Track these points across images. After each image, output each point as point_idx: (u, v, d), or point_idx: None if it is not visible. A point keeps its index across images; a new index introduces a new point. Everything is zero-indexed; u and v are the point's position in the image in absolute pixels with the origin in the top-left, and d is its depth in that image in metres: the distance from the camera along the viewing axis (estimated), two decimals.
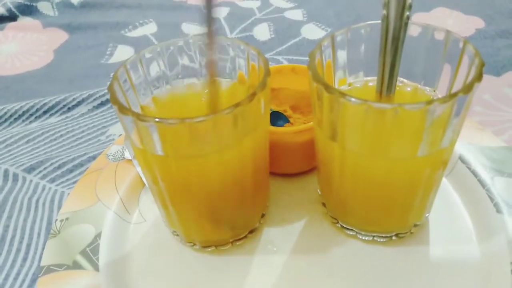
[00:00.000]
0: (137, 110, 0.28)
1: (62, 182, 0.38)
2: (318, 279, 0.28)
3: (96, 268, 0.29)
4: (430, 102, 0.20)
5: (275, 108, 0.38)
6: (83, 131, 0.44)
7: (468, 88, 0.21)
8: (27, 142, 0.43)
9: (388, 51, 0.25)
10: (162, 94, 0.29)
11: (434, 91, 0.28)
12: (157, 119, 0.21)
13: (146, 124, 0.22)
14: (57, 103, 0.47)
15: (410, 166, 0.24)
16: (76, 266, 0.29)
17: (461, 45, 0.25)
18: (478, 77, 0.21)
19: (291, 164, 0.35)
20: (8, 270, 0.31)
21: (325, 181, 0.30)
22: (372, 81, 0.30)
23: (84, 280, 0.28)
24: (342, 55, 0.29)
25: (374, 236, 0.30)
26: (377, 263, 0.29)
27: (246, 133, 0.24)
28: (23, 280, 0.30)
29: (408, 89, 0.29)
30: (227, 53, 0.28)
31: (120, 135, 0.43)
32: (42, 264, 0.29)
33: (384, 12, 0.24)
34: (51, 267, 0.29)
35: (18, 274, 0.31)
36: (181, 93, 0.29)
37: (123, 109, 0.22)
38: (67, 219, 0.32)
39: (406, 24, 0.24)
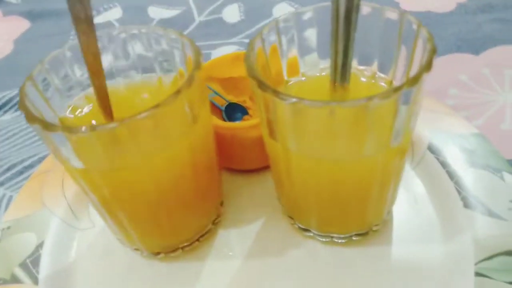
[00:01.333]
0: (63, 113, 0.25)
1: (11, 186, 0.36)
2: (273, 282, 0.26)
3: (36, 281, 0.27)
4: (370, 98, 0.18)
5: (234, 99, 0.36)
6: None
7: (414, 80, 0.18)
8: None
9: (340, 36, 0.22)
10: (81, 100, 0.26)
11: (391, 81, 0.25)
12: (64, 128, 0.19)
13: (53, 134, 0.19)
14: (11, 99, 0.44)
15: (358, 166, 0.22)
16: (13, 279, 0.27)
17: (415, 27, 0.22)
18: (427, 67, 0.19)
19: (248, 159, 0.33)
20: None
21: (276, 180, 0.28)
22: (327, 69, 0.27)
23: None
24: (289, 42, 0.26)
25: (332, 237, 0.28)
26: (336, 264, 0.27)
27: (174, 138, 0.21)
28: None
29: (364, 78, 0.26)
30: (160, 44, 0.25)
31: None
32: None
33: None
34: None
35: None
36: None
37: (31, 118, 0.20)
38: (8, 228, 0.30)
39: (358, 5, 0.22)
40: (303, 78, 0.27)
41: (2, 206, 0.34)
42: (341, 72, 0.24)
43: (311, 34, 0.26)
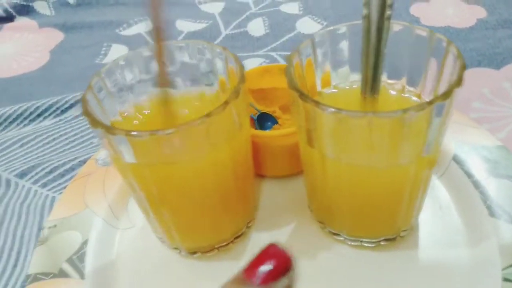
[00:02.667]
0: (116, 118, 0.27)
1: (53, 187, 0.38)
2: (305, 284, 0.28)
3: (82, 276, 0.29)
4: (406, 110, 0.19)
5: (264, 109, 0.38)
6: (75, 134, 0.44)
7: (446, 95, 0.20)
8: (21, 146, 0.43)
9: (371, 51, 0.24)
10: (139, 102, 0.29)
11: (420, 94, 0.27)
12: (127, 132, 0.21)
13: (116, 137, 0.21)
14: (50, 106, 0.47)
15: (392, 174, 0.23)
16: (62, 274, 0.29)
17: (444, 44, 0.24)
18: (458, 82, 0.20)
19: (279, 167, 0.34)
20: None
21: (310, 187, 0.29)
22: (357, 82, 0.29)
23: None
24: (324, 57, 0.28)
25: (362, 241, 0.29)
26: (366, 268, 0.28)
27: (221, 143, 0.23)
28: (13, 287, 0.31)
29: (393, 91, 0.28)
30: (205, 57, 0.28)
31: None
32: (29, 272, 0.29)
33: (365, 11, 0.23)
34: (37, 275, 0.29)
35: (7, 281, 0.31)
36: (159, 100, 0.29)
37: (95, 122, 0.22)
38: (54, 226, 0.32)
39: (388, 23, 0.23)
40: (335, 90, 0.29)
41: (46, 206, 0.36)
42: (371, 85, 0.25)
43: (343, 49, 0.28)
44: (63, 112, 0.47)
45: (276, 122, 0.36)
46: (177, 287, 0.29)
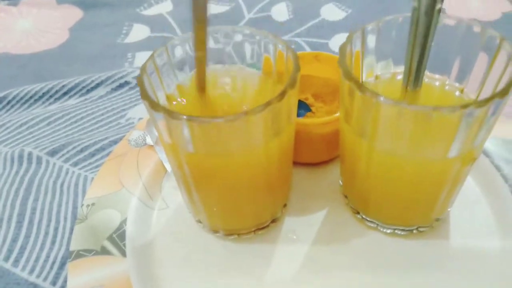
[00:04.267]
0: (163, 99, 0.28)
1: (84, 166, 0.38)
2: (337, 269, 0.29)
3: (123, 253, 0.30)
4: (466, 105, 0.20)
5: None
6: (102, 114, 0.44)
7: (505, 91, 0.21)
8: (48, 124, 0.43)
9: (417, 45, 0.25)
10: (186, 81, 0.29)
11: (462, 89, 0.27)
12: (187, 117, 0.21)
13: (176, 122, 0.22)
14: (76, 85, 0.47)
15: (440, 166, 0.24)
16: (104, 251, 0.30)
17: (497, 41, 0.24)
18: None
19: (314, 154, 0.35)
20: (38, 252, 0.32)
21: (349, 174, 0.30)
22: (400, 73, 0.29)
23: (112, 265, 0.29)
24: (371, 47, 0.28)
25: (395, 229, 0.30)
26: (397, 255, 0.29)
27: (276, 131, 0.24)
28: (53, 263, 0.31)
29: (436, 83, 0.28)
30: (254, 41, 0.28)
31: (140, 119, 0.43)
32: (71, 249, 0.30)
33: (415, 4, 0.24)
34: (80, 252, 0.30)
35: (48, 256, 0.32)
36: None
37: (155, 106, 0.22)
38: (93, 204, 0.33)
39: (437, 18, 0.24)
40: (378, 81, 0.30)
41: (80, 185, 0.37)
42: (414, 78, 0.26)
43: (389, 41, 0.29)
44: (88, 91, 0.47)
45: (310, 110, 0.37)
46: (214, 267, 0.30)
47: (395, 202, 0.28)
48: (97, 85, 0.47)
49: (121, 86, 0.47)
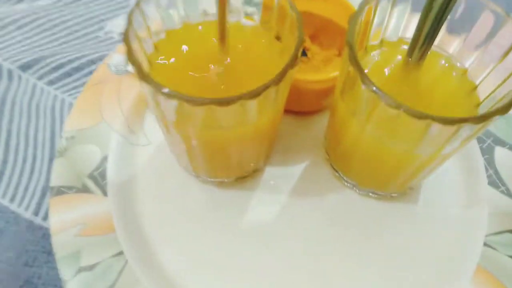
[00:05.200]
0: (150, 48, 0.25)
1: (60, 87, 0.36)
2: (310, 222, 0.31)
3: (105, 193, 0.30)
4: (462, 121, 0.19)
5: None
6: (78, 24, 0.40)
7: (507, 107, 0.20)
8: (18, 28, 0.39)
9: (430, 20, 0.23)
10: (175, 32, 0.26)
11: (466, 71, 0.26)
12: (179, 96, 0.20)
13: (168, 100, 0.20)
14: None
15: (427, 157, 0.24)
16: (85, 189, 0.30)
17: None
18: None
19: (302, 104, 0.34)
20: (17, 180, 0.32)
21: (333, 140, 0.30)
22: (407, 40, 0.27)
23: (94, 204, 0.30)
24: (382, 17, 0.26)
25: (369, 192, 0.31)
26: (367, 215, 0.31)
27: (271, 105, 0.23)
28: (33, 193, 0.32)
29: (441, 62, 0.27)
30: None
31: (120, 33, 0.39)
32: (52, 184, 0.30)
33: None
34: (61, 188, 0.30)
35: (27, 185, 0.32)
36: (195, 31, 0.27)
37: (144, 77, 0.20)
38: (72, 137, 0.32)
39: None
40: (382, 47, 0.28)
41: (57, 109, 0.35)
42: (418, 52, 0.24)
43: (405, 8, 0.26)
44: None
45: (305, 54, 0.35)
46: (194, 208, 0.31)
47: (373, 173, 0.29)
48: None
49: None
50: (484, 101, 0.25)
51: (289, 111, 0.35)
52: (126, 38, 0.22)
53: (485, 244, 0.29)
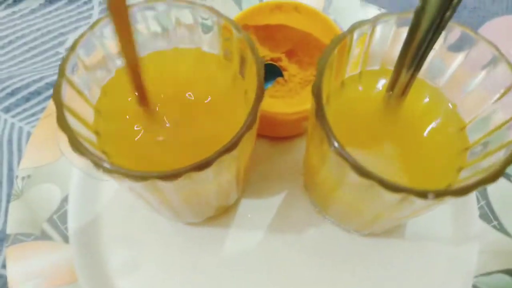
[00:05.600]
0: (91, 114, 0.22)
1: (18, 114, 0.33)
2: (292, 258, 0.28)
3: (66, 239, 0.28)
4: (441, 194, 0.17)
5: (269, 53, 0.32)
6: (35, 39, 0.36)
7: (494, 176, 0.17)
8: None
9: (411, 52, 0.20)
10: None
11: (455, 106, 0.23)
12: (120, 172, 0.17)
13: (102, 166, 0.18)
14: None
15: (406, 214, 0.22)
16: (44, 236, 0.28)
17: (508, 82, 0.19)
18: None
19: (277, 132, 0.31)
20: None
21: (309, 180, 0.27)
22: (387, 73, 0.24)
23: (54, 253, 0.28)
24: (360, 49, 0.22)
25: (352, 230, 0.29)
26: (352, 250, 0.29)
27: (232, 165, 0.20)
28: None
29: (426, 98, 0.24)
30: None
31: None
32: (8, 231, 0.28)
33: (420, 4, 0.18)
34: (18, 236, 0.28)
35: None
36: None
37: (80, 151, 0.18)
38: (29, 176, 0.29)
39: (445, 26, 0.18)
40: (361, 78, 0.25)
41: (14, 140, 0.33)
42: (399, 89, 0.22)
43: (384, 41, 0.23)
44: (16, 2, 0.38)
45: (281, 74, 0.32)
46: (165, 251, 0.29)
47: (353, 218, 0.26)
48: None
49: None
50: (473, 146, 0.22)
51: (264, 136, 0.32)
52: (56, 95, 0.19)
53: (474, 287, 0.27)
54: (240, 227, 0.30)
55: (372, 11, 0.36)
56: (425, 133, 0.23)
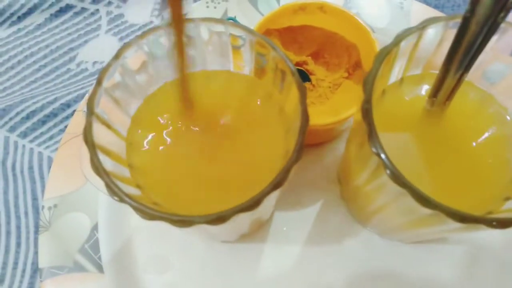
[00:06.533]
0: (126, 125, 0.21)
1: (36, 138, 0.32)
2: (332, 271, 0.27)
3: (100, 268, 0.27)
4: (476, 220, 0.15)
5: (294, 57, 0.30)
6: (45, 56, 0.35)
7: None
8: None
9: (459, 59, 0.18)
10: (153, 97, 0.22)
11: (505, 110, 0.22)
12: (161, 217, 0.16)
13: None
14: (3, 10, 0.36)
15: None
16: (78, 267, 0.27)
17: None
18: None
19: (310, 139, 0.30)
20: (3, 258, 0.29)
21: (346, 188, 0.26)
22: (430, 78, 0.23)
23: (90, 283, 0.27)
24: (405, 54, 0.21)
25: (394, 239, 0.28)
26: (397, 261, 0.28)
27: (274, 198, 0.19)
28: (23, 271, 0.29)
29: (475, 99, 0.22)
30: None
31: (95, 63, 0.34)
32: (40, 265, 0.27)
33: (469, 7, 0.16)
34: (51, 269, 0.27)
35: (15, 263, 0.29)
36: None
37: (120, 198, 0.16)
38: (55, 206, 0.28)
39: (496, 29, 0.17)
40: (402, 86, 0.23)
41: (35, 167, 0.31)
42: (443, 97, 0.20)
43: (431, 43, 0.21)
44: (20, 19, 0.36)
45: (309, 79, 0.30)
46: (203, 272, 0.28)
47: (397, 232, 0.25)
48: (31, 10, 0.36)
49: (62, 11, 0.36)
50: None
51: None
52: (88, 136, 0.17)
53: None
54: (276, 242, 0.29)
55: (394, 2, 0.34)
56: (474, 144, 0.22)
